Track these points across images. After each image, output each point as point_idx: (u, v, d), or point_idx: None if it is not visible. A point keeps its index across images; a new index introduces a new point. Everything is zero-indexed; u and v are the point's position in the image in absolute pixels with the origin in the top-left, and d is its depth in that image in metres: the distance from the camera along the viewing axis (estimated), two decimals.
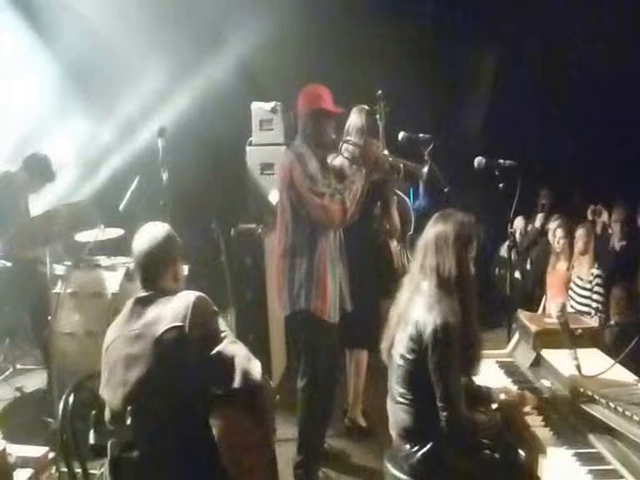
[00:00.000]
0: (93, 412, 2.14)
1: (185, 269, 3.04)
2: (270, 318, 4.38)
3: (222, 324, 2.24)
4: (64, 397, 2.23)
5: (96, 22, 4.95)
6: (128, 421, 2.05)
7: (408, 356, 2.43)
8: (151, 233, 2.34)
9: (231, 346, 2.21)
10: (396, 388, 2.50)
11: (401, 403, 2.47)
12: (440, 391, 2.34)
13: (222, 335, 2.22)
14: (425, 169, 3.33)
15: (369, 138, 3.59)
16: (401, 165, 3.41)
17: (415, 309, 2.46)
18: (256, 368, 2.19)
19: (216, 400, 2.15)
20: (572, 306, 4.76)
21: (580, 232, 4.84)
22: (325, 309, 3.27)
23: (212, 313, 2.23)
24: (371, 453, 3.60)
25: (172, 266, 2.35)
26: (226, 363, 2.15)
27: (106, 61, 5.13)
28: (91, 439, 2.13)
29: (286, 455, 3.36)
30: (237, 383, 2.14)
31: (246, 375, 2.15)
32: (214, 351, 2.13)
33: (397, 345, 2.51)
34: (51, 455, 2.90)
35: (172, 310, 2.19)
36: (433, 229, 2.52)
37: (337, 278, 3.36)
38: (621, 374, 2.57)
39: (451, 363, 2.35)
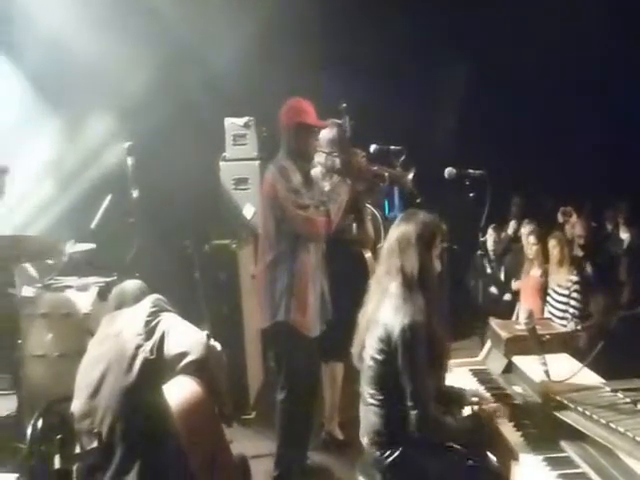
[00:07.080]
0: (59, 436, 2.12)
1: None
2: (246, 333, 4.37)
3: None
4: (32, 422, 2.22)
5: (65, 38, 4.91)
6: (95, 443, 2.03)
7: (378, 357, 2.45)
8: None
9: (181, 325, 2.40)
10: (367, 390, 2.51)
11: (372, 404, 2.48)
12: (410, 390, 2.36)
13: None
14: (410, 175, 3.38)
15: (352, 148, 3.63)
16: (386, 174, 3.45)
17: (383, 311, 2.48)
18: (200, 334, 2.40)
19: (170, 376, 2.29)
20: (550, 312, 4.81)
21: (552, 242, 4.87)
22: (304, 322, 3.28)
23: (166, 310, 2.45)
24: (349, 466, 3.52)
25: None
26: (175, 338, 2.32)
27: (75, 77, 5.08)
28: (56, 463, 2.11)
29: (264, 470, 3.33)
30: (186, 350, 2.32)
31: (195, 343, 2.34)
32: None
33: (367, 348, 2.52)
34: None
35: (133, 317, 2.34)
36: (396, 230, 2.56)
37: (319, 291, 3.37)
38: (589, 378, 2.61)
39: (420, 361, 2.37)
